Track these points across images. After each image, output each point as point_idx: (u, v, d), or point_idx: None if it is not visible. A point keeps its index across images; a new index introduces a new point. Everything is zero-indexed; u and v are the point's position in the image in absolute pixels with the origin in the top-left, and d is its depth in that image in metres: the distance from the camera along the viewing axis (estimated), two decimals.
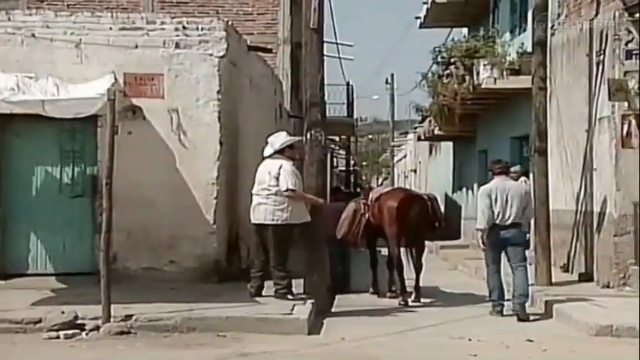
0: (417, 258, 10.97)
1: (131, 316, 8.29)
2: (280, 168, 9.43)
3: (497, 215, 9.50)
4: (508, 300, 9.73)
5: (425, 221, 10.80)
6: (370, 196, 11.44)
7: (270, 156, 9.63)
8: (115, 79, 10.08)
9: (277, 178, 9.41)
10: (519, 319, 9.32)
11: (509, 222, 9.48)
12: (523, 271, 9.58)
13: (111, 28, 10.93)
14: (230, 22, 11.78)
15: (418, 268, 10.86)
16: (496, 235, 9.52)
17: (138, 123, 10.76)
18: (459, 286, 12.41)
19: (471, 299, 10.94)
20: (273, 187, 9.41)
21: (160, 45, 10.91)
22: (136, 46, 10.87)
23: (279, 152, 9.61)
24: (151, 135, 10.81)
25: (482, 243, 9.62)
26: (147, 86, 10.76)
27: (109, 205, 8.47)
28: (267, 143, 9.86)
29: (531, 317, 9.44)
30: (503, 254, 9.70)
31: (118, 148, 8.74)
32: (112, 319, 8.21)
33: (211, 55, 11.01)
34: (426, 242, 11.65)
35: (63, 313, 8.28)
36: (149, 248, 10.76)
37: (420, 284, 10.90)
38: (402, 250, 10.85)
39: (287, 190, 9.35)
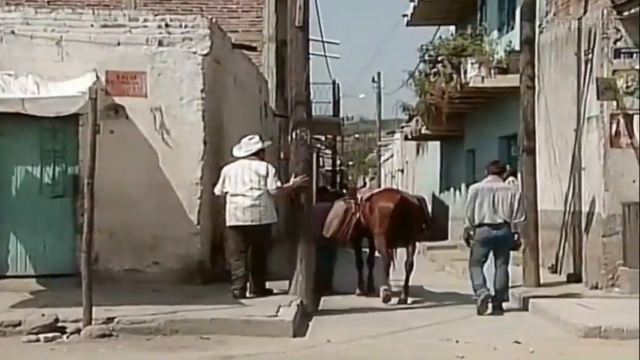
0: (409, 257, 11.02)
1: (113, 318, 8.24)
2: (268, 167, 9.77)
3: (484, 215, 9.77)
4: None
5: (417, 222, 11.01)
6: (359, 196, 11.51)
7: (247, 157, 9.90)
8: (97, 77, 10.06)
9: (266, 179, 9.69)
10: (494, 312, 9.78)
11: (498, 221, 9.79)
12: (505, 270, 10.02)
13: (92, 26, 10.88)
14: (214, 20, 11.77)
15: (409, 268, 10.88)
16: (487, 233, 9.82)
17: (120, 122, 10.72)
18: (446, 286, 12.43)
19: (458, 300, 10.96)
20: (263, 187, 9.66)
21: (142, 43, 10.87)
22: (119, 44, 10.83)
23: (255, 154, 9.95)
24: (133, 134, 10.77)
25: (466, 240, 10.09)
26: (129, 84, 10.73)
27: (91, 205, 8.43)
28: (240, 143, 10.14)
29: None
30: (487, 252, 10.00)
31: (100, 148, 8.70)
32: (93, 322, 8.16)
33: (195, 53, 10.99)
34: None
35: (43, 315, 8.23)
36: (131, 249, 10.73)
37: (410, 284, 10.93)
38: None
39: (277, 188, 9.71)
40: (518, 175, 13.39)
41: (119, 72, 10.71)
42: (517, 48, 13.61)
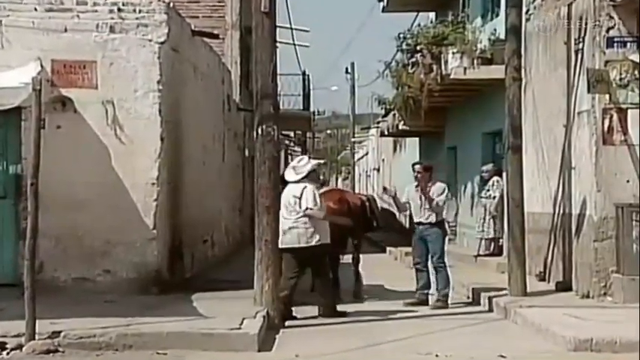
0: (355, 255, 12.35)
1: (59, 332, 8.18)
2: (304, 189, 10.24)
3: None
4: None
5: (363, 221, 12.10)
6: None
7: (296, 181, 10.39)
8: (42, 66, 10.01)
9: (300, 199, 10.21)
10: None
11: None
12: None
13: (36, 9, 10.83)
14: (172, 4, 11.70)
15: (356, 262, 12.19)
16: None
17: (68, 116, 10.68)
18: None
19: (436, 309, 11.00)
20: (300, 210, 10.19)
21: (92, 29, 10.85)
22: (65, 30, 10.79)
23: (306, 176, 10.45)
24: (82, 130, 10.72)
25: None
26: (78, 75, 10.69)
27: (35, 207, 8.34)
28: (287, 167, 10.96)
29: (490, 324, 10.07)
30: (425, 250, 11.65)
31: (45, 145, 8.63)
32: (37, 337, 8.08)
33: (151, 40, 10.97)
34: (390, 248, 11.98)
35: None
36: (80, 256, 10.69)
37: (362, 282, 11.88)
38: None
39: (306, 208, 10.15)
40: (504, 174, 13.43)
41: (66, 61, 10.67)
42: (502, 36, 13.65)
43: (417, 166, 12.09)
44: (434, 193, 11.66)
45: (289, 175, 10.53)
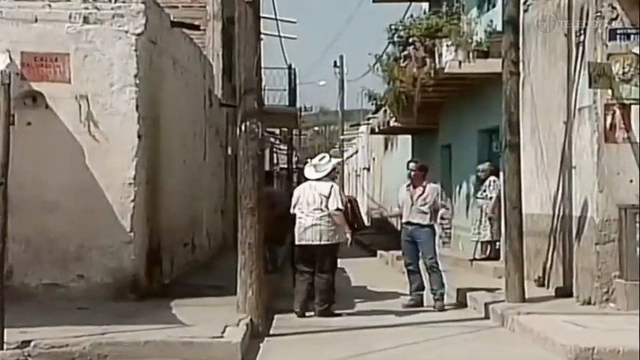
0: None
1: (29, 342, 8.15)
2: (332, 188, 11.08)
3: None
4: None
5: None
6: None
7: (318, 179, 11.19)
8: (10, 59, 9.93)
9: (328, 199, 10.97)
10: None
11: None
12: None
13: None
14: None
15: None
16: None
17: (39, 112, 10.66)
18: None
19: (431, 317, 11.04)
20: (326, 209, 10.95)
21: (64, 19, 10.83)
22: (36, 20, 10.78)
23: (327, 174, 11.28)
24: (54, 126, 10.70)
25: None
26: (49, 68, 10.68)
27: (4, 209, 8.30)
28: (307, 164, 11.71)
29: (486, 332, 10.05)
30: (416, 251, 12.11)
31: (15, 142, 8.58)
32: (5, 347, 8.05)
33: (127, 31, 10.96)
34: (381, 252, 12.06)
35: None
36: (52, 260, 10.68)
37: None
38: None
39: (337, 209, 10.97)
40: (501, 174, 13.46)
41: (37, 53, 10.65)
42: (499, 28, 13.68)
43: (412, 164, 12.43)
44: (428, 195, 11.97)
45: (310, 173, 11.32)
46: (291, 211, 11.25)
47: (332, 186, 11.14)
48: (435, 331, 10.01)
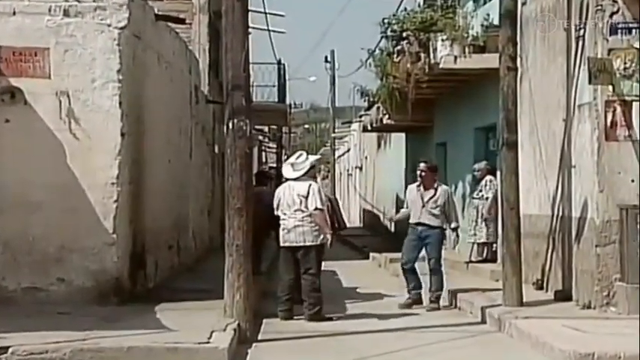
0: None
1: (7, 348, 8.12)
2: (310, 187, 11.12)
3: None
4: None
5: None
6: None
7: (296, 179, 11.23)
8: None
9: (307, 199, 11.05)
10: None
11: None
12: None
13: None
14: None
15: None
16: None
17: (17, 109, 10.65)
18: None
19: (425, 321, 11.02)
20: (306, 209, 11.05)
21: (44, 12, 10.82)
22: (14, 13, 10.76)
23: (305, 173, 11.28)
24: (34, 124, 10.68)
25: None
26: (28, 63, 10.66)
27: None
28: (285, 163, 11.76)
29: (483, 337, 9.92)
30: (418, 252, 12.35)
31: None
32: None
33: (109, 25, 10.94)
34: (374, 254, 12.02)
35: None
36: (31, 263, 10.65)
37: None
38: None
39: (316, 209, 11.02)
40: (498, 173, 13.45)
41: (15, 48, 10.63)
42: (496, 22, 13.69)
43: (422, 165, 12.59)
44: (439, 197, 12.24)
45: (287, 172, 11.35)
46: (275, 212, 11.32)
47: (310, 185, 11.19)
48: (430, 336, 10.00)
